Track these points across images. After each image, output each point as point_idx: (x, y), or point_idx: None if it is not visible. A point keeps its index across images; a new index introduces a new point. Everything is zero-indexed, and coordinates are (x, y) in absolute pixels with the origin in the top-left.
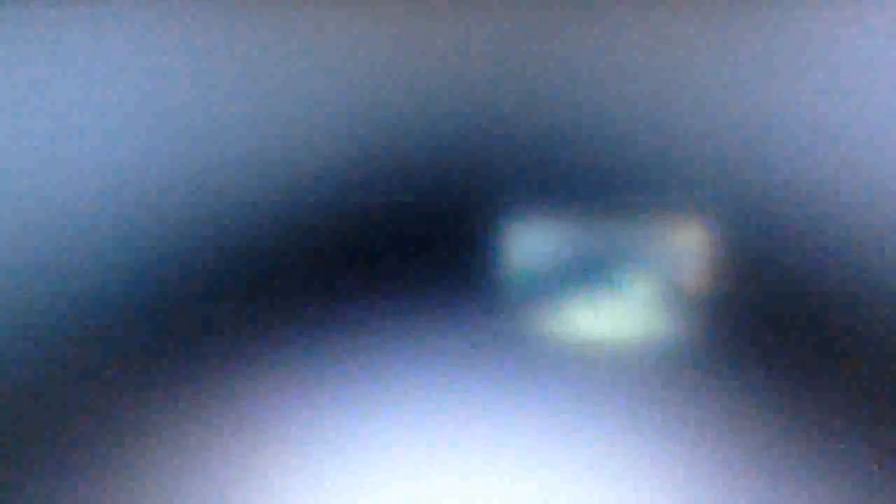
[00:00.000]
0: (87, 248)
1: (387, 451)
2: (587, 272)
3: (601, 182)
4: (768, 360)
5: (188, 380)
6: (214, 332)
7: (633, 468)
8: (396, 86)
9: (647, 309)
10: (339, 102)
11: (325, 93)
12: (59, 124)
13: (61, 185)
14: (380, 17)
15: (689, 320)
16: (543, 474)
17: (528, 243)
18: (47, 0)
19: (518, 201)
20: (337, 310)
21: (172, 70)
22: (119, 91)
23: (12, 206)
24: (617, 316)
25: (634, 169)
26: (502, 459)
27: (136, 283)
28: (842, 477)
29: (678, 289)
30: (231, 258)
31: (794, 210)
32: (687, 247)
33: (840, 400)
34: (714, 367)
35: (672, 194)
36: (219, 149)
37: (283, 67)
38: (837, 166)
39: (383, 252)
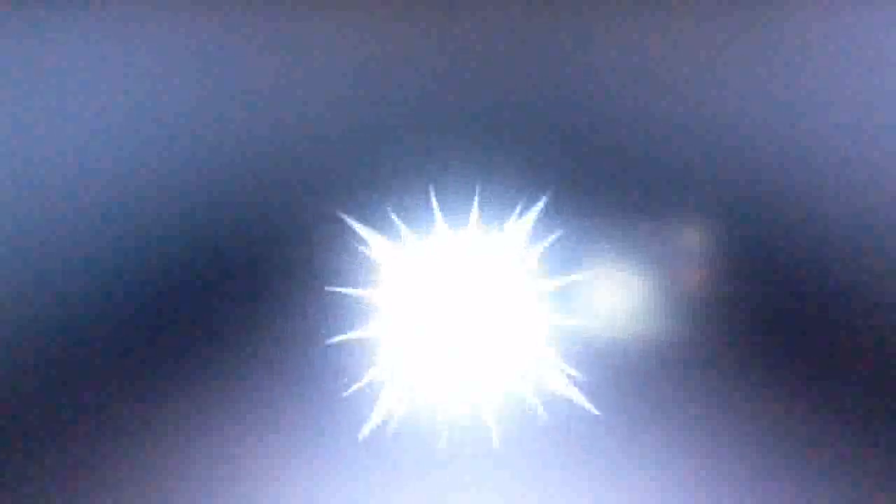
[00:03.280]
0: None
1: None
2: (586, 271)
3: (599, 181)
4: (768, 361)
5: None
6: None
7: (632, 468)
8: (389, 85)
9: (647, 308)
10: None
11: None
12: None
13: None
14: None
15: (689, 320)
16: (542, 475)
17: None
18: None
19: (517, 200)
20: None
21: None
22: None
23: (9, 206)
24: (616, 315)
25: (633, 168)
26: (501, 461)
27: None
28: (842, 477)
29: (678, 289)
30: (229, 257)
31: (794, 210)
32: (687, 247)
33: (840, 400)
34: (714, 367)
35: (672, 194)
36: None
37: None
38: (840, 166)
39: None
